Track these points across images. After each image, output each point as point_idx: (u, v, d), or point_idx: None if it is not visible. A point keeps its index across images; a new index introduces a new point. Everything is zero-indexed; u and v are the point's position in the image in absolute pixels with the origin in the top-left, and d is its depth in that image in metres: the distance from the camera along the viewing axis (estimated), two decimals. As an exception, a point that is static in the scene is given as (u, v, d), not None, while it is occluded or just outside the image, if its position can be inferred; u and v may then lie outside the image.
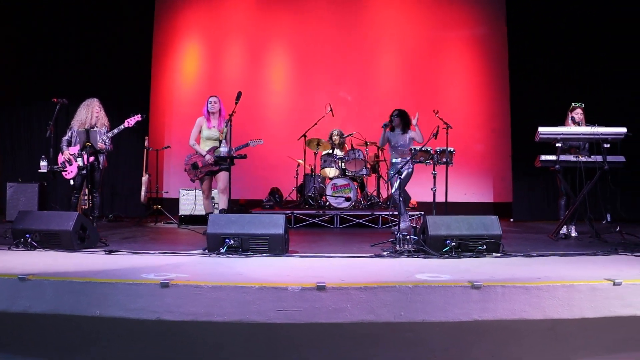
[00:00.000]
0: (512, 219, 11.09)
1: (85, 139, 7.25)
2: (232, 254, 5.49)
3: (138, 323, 4.01)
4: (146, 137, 10.34)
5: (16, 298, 4.11)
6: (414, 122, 8.11)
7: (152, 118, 11.82)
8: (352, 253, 5.86)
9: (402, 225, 7.16)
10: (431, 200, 7.39)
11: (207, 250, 5.66)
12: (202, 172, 7.80)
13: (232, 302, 3.91)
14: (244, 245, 5.56)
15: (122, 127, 7.66)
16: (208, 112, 7.85)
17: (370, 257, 5.54)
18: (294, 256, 5.56)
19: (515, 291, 3.97)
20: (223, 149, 7.37)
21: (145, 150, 10.28)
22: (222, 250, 5.49)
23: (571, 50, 10.99)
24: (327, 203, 9.61)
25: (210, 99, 7.90)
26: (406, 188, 7.91)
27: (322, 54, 12.45)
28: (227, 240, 5.52)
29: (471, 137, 12.09)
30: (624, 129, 7.19)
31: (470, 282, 3.96)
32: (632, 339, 4.34)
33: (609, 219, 7.55)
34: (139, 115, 7.71)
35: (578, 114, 7.74)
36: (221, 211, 7.66)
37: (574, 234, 7.78)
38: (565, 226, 7.71)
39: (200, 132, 7.90)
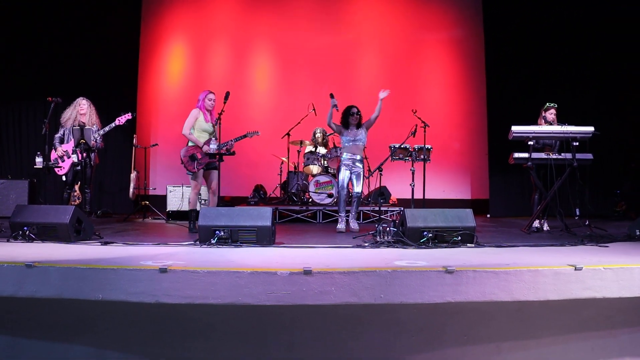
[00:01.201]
0: (489, 215, 11.48)
1: (79, 136, 7.53)
2: (222, 245, 5.80)
3: (138, 306, 4.33)
4: (134, 135, 10.63)
5: (23, 284, 4.41)
6: (381, 95, 8.15)
7: (139, 117, 12.05)
8: (336, 244, 6.20)
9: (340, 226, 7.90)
10: (410, 197, 7.75)
11: (198, 242, 5.97)
12: (202, 164, 7.68)
13: (226, 285, 4.24)
14: (233, 237, 5.88)
15: (113, 125, 7.96)
16: (206, 108, 7.80)
17: (353, 247, 5.89)
18: (280, 246, 5.90)
19: (485, 275, 4.35)
20: (213, 146, 7.56)
21: (133, 147, 10.56)
22: (213, 241, 5.80)
23: (545, 52, 11.42)
24: (310, 199, 9.94)
25: (209, 96, 7.83)
26: (387, 184, 8.30)
27: (305, 54, 12.78)
28: (217, 232, 5.84)
29: (449, 136, 12.46)
30: (591, 128, 7.58)
31: (445, 267, 4.32)
32: (591, 320, 4.74)
33: (577, 213, 7.93)
34: (129, 114, 8.01)
35: (551, 113, 8.14)
36: None
37: (546, 227, 8.17)
38: (537, 220, 8.09)
39: (194, 124, 7.77)
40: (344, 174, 8.02)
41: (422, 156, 7.75)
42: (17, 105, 11.51)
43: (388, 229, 6.10)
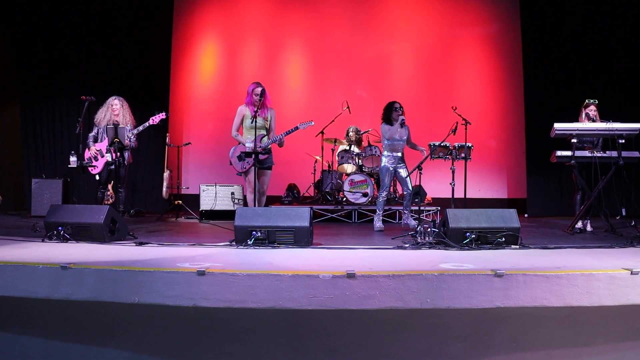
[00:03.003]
0: (526, 215, 11.22)
1: (113, 135, 7.46)
2: (259, 246, 5.66)
3: (175, 309, 4.21)
4: (167, 134, 10.56)
5: (58, 285, 4.32)
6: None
7: (171, 115, 12.02)
8: (375, 245, 6.04)
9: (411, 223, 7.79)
10: (446, 196, 7.56)
11: (234, 243, 5.84)
12: (250, 163, 7.41)
13: (266, 289, 4.10)
14: (270, 237, 5.73)
15: (147, 124, 7.89)
16: (252, 103, 7.52)
17: (393, 248, 5.72)
18: (319, 248, 5.75)
19: (536, 279, 4.14)
20: (249, 144, 7.36)
21: (166, 146, 10.49)
22: (250, 242, 5.67)
23: (585, 47, 11.09)
24: (345, 199, 9.78)
25: (256, 90, 7.53)
26: (422, 184, 8.13)
27: (338, 51, 12.61)
28: (254, 232, 5.70)
29: (485, 134, 12.21)
30: (639, 125, 7.31)
31: (493, 270, 4.13)
32: (648, 327, 4.51)
33: (624, 213, 7.68)
34: (163, 114, 7.93)
35: (592, 110, 7.88)
36: None
37: (589, 228, 7.91)
38: (580, 221, 7.85)
39: (242, 122, 7.58)
40: (388, 175, 8.13)
41: (462, 154, 7.50)
42: (51, 104, 11.53)
43: (429, 229, 5.91)
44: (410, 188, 8.08)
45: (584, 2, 11.19)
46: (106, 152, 7.71)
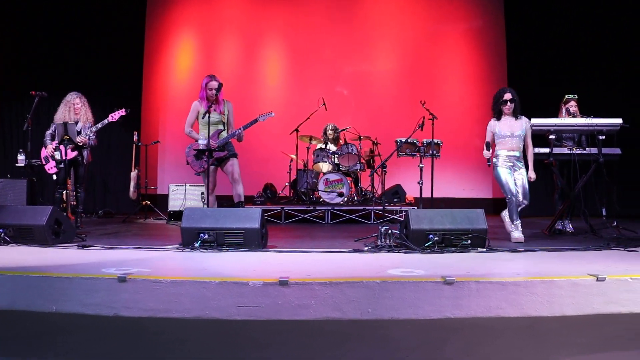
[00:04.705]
0: (510, 215, 10.85)
1: (63, 133, 7.08)
2: (206, 249, 5.30)
3: (96, 319, 3.83)
4: (135, 132, 10.16)
5: (-26, 293, 3.94)
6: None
7: (144, 113, 11.74)
8: (334, 248, 5.65)
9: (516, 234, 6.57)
10: (430, 196, 7.18)
11: (182, 245, 5.48)
12: (208, 162, 6.91)
13: (191, 297, 3.72)
14: (219, 240, 5.38)
15: (106, 121, 7.52)
16: (207, 98, 7.13)
17: (349, 252, 5.33)
18: (270, 251, 5.37)
19: (490, 287, 3.76)
20: (202, 142, 6.95)
21: (134, 145, 10.09)
22: (196, 245, 5.31)
23: (568, 43, 10.84)
24: (321, 199, 9.41)
25: (210, 84, 7.11)
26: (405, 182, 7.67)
27: (318, 47, 12.28)
28: (201, 234, 5.35)
29: (470, 131, 11.87)
30: (619, 120, 6.94)
31: (443, 277, 3.75)
32: (617, 338, 4.12)
33: (604, 213, 7.33)
34: (124, 110, 7.56)
35: (572, 106, 7.56)
36: (239, 204, 7.09)
37: (569, 229, 7.59)
38: (560, 221, 7.51)
39: (197, 118, 7.15)
40: (506, 176, 6.71)
41: (430, 151, 7.11)
42: (6, 103, 11.11)
43: (390, 231, 5.53)
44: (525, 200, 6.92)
45: (568, -1, 10.92)
46: (55, 150, 7.33)
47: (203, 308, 3.71)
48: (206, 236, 5.35)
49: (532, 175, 6.70)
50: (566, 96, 7.65)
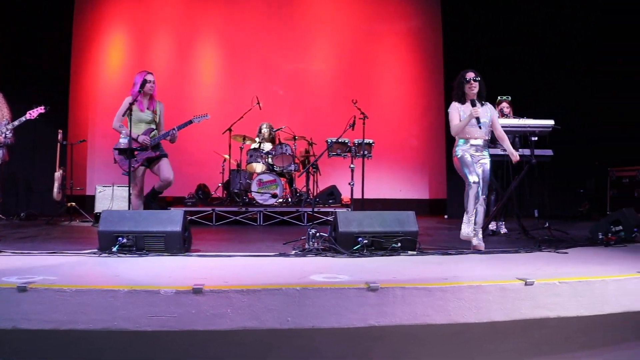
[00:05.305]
0: (446, 216, 10.84)
1: (-30, 131, 6.66)
2: (125, 254, 5.00)
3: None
4: (60, 131, 9.68)
5: None
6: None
7: (72, 110, 11.27)
8: (261, 252, 5.41)
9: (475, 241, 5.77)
10: (361, 197, 7.02)
11: (99, 250, 5.16)
12: (138, 161, 6.65)
13: (98, 307, 3.43)
14: (138, 244, 5.07)
15: (23, 119, 7.09)
16: (145, 92, 6.75)
17: (275, 256, 5.10)
18: (192, 256, 5.08)
19: (416, 293, 3.60)
20: (122, 140, 6.61)
21: (59, 144, 9.62)
22: (114, 250, 5.00)
23: (505, 44, 10.84)
24: (254, 200, 9.17)
25: (148, 77, 6.75)
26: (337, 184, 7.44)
27: (253, 46, 12.04)
28: (119, 238, 5.04)
29: (407, 132, 11.88)
30: (551, 122, 6.95)
31: (367, 283, 3.56)
32: (545, 343, 4.03)
33: (536, 214, 7.32)
34: (42, 107, 7.14)
35: (505, 107, 7.56)
36: (155, 193, 6.85)
37: (503, 230, 7.57)
38: (494, 222, 7.47)
39: (127, 114, 6.64)
40: (469, 160, 5.81)
41: (362, 152, 6.96)
42: None
43: (318, 234, 5.34)
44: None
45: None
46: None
47: (111, 319, 3.42)
48: (125, 240, 5.05)
49: (514, 152, 6.02)
50: (499, 97, 7.63)
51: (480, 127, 5.72)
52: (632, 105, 10.11)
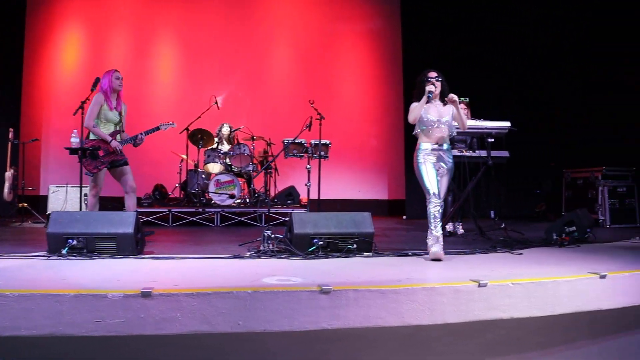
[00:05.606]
0: (405, 217, 10.86)
1: None
2: (75, 256, 4.87)
3: None
4: (11, 129, 9.42)
5: None
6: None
7: (25, 109, 11.00)
8: (216, 254, 5.32)
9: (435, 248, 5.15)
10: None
11: (49, 252, 5.02)
12: (104, 162, 6.47)
13: (43, 312, 3.32)
14: (89, 246, 4.95)
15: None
16: (114, 89, 6.56)
17: (229, 258, 5.03)
18: (144, 258, 4.98)
19: (369, 295, 3.57)
20: (74, 139, 6.44)
21: (10, 143, 9.35)
22: (63, 252, 4.87)
23: (463, 47, 10.89)
24: (212, 200, 9.06)
25: (116, 74, 6.60)
26: (295, 185, 7.37)
27: (212, 45, 11.92)
28: (69, 240, 4.91)
29: (367, 133, 11.89)
30: (507, 123, 7.01)
31: (320, 286, 3.52)
32: (499, 343, 4.04)
33: (492, 215, 7.37)
34: None
35: (462, 108, 7.53)
36: None
37: (460, 231, 7.59)
38: (451, 223, 7.49)
39: (99, 113, 6.45)
40: (430, 170, 5.45)
41: (318, 152, 6.92)
42: None
43: (274, 235, 5.28)
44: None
45: (463, 1, 10.99)
46: None
47: (56, 324, 3.32)
48: (75, 242, 4.92)
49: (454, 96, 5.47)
50: (456, 99, 7.64)
51: (430, 100, 5.42)
52: (586, 109, 10.26)
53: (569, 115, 10.63)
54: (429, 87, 5.38)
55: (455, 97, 5.46)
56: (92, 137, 6.50)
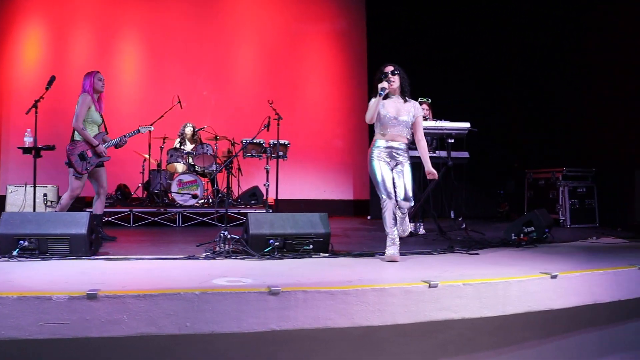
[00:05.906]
0: (369, 217, 10.88)
1: None
2: (26, 258, 4.78)
3: None
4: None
5: None
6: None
7: (-16, 108, 10.82)
8: (172, 254, 5.28)
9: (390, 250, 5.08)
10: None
11: (-2, 254, 4.93)
12: (92, 164, 6.39)
13: (-16, 316, 3.27)
14: (41, 247, 4.87)
15: None
16: (97, 90, 6.48)
17: (184, 258, 4.99)
18: (97, 259, 4.92)
19: (319, 297, 3.56)
20: (28, 139, 6.35)
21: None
22: (14, 253, 4.78)
23: (428, 48, 10.96)
24: (174, 201, 8.99)
25: (99, 76, 6.50)
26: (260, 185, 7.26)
27: (177, 44, 11.80)
28: (20, 241, 4.83)
29: (331, 133, 11.89)
30: (467, 124, 7.07)
31: (269, 287, 3.50)
32: (450, 343, 4.07)
33: (452, 215, 7.42)
34: None
35: (424, 109, 7.57)
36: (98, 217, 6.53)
37: (421, 231, 7.60)
38: (412, 224, 7.50)
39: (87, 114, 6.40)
40: (382, 171, 5.29)
41: (277, 153, 6.90)
42: None
43: (230, 236, 5.25)
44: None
45: (428, 1, 11.06)
46: None
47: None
48: (26, 243, 4.84)
49: (432, 170, 5.42)
50: (419, 99, 7.66)
51: (383, 94, 5.13)
52: (547, 109, 10.39)
53: (531, 115, 10.76)
54: (381, 85, 5.16)
55: (434, 171, 5.40)
56: (77, 137, 6.44)
